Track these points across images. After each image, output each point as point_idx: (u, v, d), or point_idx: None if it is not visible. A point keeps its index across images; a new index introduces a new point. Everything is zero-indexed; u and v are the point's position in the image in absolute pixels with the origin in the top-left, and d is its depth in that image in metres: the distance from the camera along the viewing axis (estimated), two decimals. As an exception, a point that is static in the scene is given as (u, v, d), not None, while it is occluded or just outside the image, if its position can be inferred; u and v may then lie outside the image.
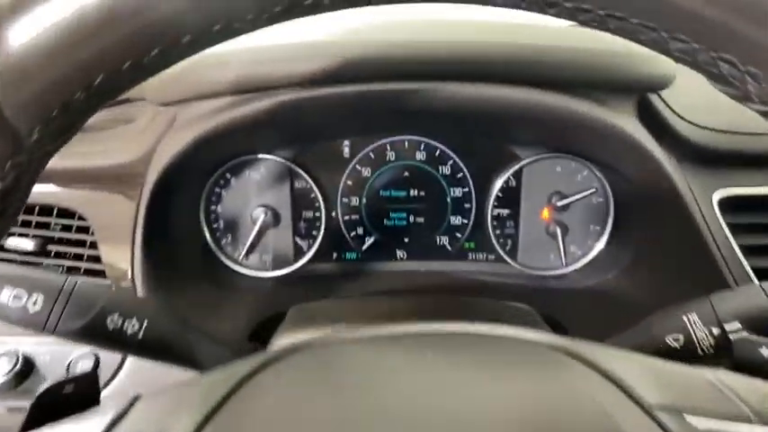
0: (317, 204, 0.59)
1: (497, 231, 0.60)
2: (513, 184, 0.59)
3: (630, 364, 0.24)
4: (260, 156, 0.57)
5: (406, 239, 0.61)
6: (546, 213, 0.59)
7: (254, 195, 0.58)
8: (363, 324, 0.31)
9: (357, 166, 0.59)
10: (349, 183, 0.59)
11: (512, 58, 0.44)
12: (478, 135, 0.57)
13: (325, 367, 0.25)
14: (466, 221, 0.60)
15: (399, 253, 0.61)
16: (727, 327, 0.34)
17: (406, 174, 0.59)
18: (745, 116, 0.32)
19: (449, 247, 0.61)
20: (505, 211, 0.60)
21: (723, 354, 0.34)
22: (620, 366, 0.24)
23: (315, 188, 0.58)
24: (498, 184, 0.58)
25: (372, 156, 0.59)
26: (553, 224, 0.59)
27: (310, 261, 0.60)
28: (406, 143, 0.58)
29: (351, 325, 0.33)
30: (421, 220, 0.60)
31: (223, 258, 0.59)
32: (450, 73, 0.44)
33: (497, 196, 0.59)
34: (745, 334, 0.33)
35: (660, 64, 0.46)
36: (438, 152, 0.58)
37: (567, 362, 0.24)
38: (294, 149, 0.57)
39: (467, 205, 0.60)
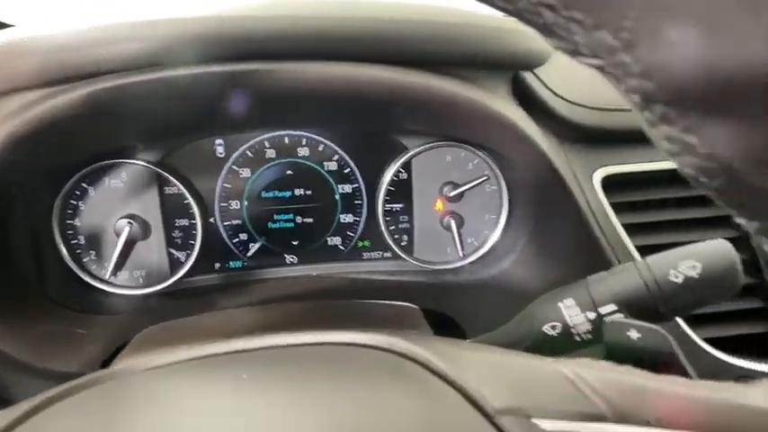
0: (191, 211, 0.53)
1: (391, 227, 0.57)
2: (404, 176, 0.56)
3: (479, 364, 0.22)
4: (120, 160, 0.51)
5: (295, 242, 0.57)
6: (439, 205, 0.57)
7: (118, 205, 0.52)
8: (212, 341, 0.27)
9: (234, 167, 0.54)
10: (227, 185, 0.54)
11: (374, 35, 0.41)
12: (360, 126, 0.53)
13: (119, 400, 0.20)
14: (358, 219, 0.57)
15: (288, 257, 0.57)
16: (602, 310, 0.32)
17: (289, 172, 0.55)
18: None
19: (341, 248, 0.58)
20: (398, 206, 0.57)
21: (599, 338, 0.32)
22: (466, 369, 0.21)
23: (187, 193, 0.52)
24: (388, 177, 0.55)
25: (250, 155, 0.54)
26: (447, 216, 0.56)
27: (189, 273, 0.54)
28: (286, 139, 0.54)
29: (196, 344, 0.29)
30: (309, 220, 0.56)
31: (87, 278, 0.53)
32: (305, 51, 0.40)
33: (388, 190, 0.56)
34: (619, 316, 0.32)
35: (534, 40, 0.45)
36: (322, 147, 0.55)
37: (409, 368, 0.21)
38: (159, 151, 0.52)
39: (357, 202, 0.56)
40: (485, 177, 0.55)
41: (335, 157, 0.55)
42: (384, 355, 0.21)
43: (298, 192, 0.56)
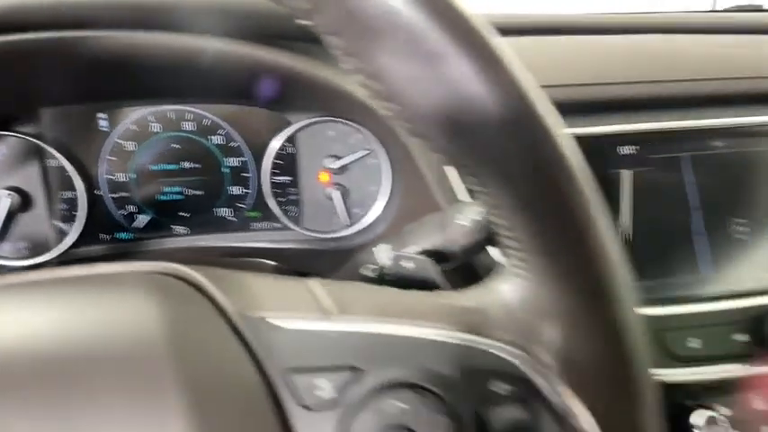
0: (74, 183, 0.54)
1: (280, 199, 0.60)
2: (291, 150, 0.59)
3: (240, 282, 0.25)
4: (-3, 133, 0.51)
5: (184, 214, 0.59)
6: (324, 177, 0.60)
7: (-2, 177, 0.52)
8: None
9: (118, 140, 0.55)
10: (112, 158, 0.56)
11: (211, 6, 0.43)
12: (242, 101, 0.56)
13: None
14: (246, 191, 0.59)
15: (178, 228, 0.59)
16: (405, 251, 0.36)
17: (176, 146, 0.57)
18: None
19: (231, 219, 0.60)
20: (286, 178, 0.60)
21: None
22: (226, 285, 0.24)
23: (69, 166, 0.53)
24: (273, 151, 0.58)
25: (135, 128, 0.55)
26: (331, 187, 0.60)
27: (76, 244, 0.56)
28: (170, 113, 0.56)
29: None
30: (198, 192, 0.58)
31: (-33, 250, 0.53)
32: (141, 21, 0.42)
33: (275, 163, 0.59)
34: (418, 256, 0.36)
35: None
36: (207, 121, 0.57)
37: (172, 284, 0.24)
38: (38, 123, 0.52)
39: (245, 174, 0.59)
40: (366, 151, 0.59)
41: (221, 132, 0.57)
42: (152, 276, 0.24)
43: (185, 165, 0.57)
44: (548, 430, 0.22)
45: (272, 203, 0.59)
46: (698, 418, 0.46)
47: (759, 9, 0.92)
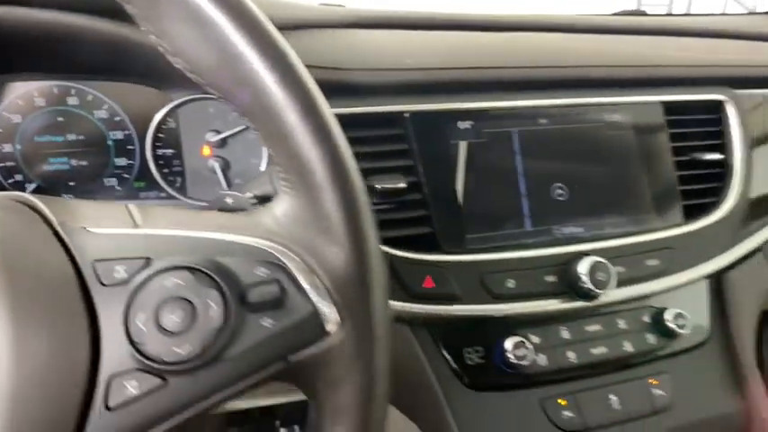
0: (-42, 152, 0.58)
1: (164, 170, 0.65)
2: (172, 125, 0.64)
3: (77, 207, 0.31)
4: None
5: (72, 183, 0.63)
6: (206, 150, 0.66)
7: None
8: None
9: (4, 113, 0.59)
10: (-2, 130, 0.60)
11: None
12: (121, 77, 0.61)
13: None
14: (132, 162, 0.65)
15: (66, 197, 0.63)
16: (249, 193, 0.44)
17: (60, 119, 0.61)
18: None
19: (118, 188, 0.65)
20: (169, 151, 0.65)
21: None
22: (48, 203, 0.30)
23: (-48, 136, 0.57)
24: (154, 125, 0.63)
25: (20, 102, 0.60)
26: (213, 159, 0.66)
27: (-39, 211, 0.59)
28: (54, 89, 0.60)
29: None
30: (84, 163, 0.63)
31: None
32: None
33: (158, 137, 0.64)
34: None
35: None
36: (90, 97, 0.61)
37: (4, 203, 0.30)
38: None
39: (130, 147, 0.64)
40: (244, 126, 0.66)
41: (105, 107, 0.62)
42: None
43: (70, 137, 0.62)
44: (296, 307, 0.29)
45: (156, 174, 0.64)
46: (509, 343, 0.55)
47: (643, 14, 1.05)
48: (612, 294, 0.59)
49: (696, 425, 0.58)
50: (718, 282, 0.68)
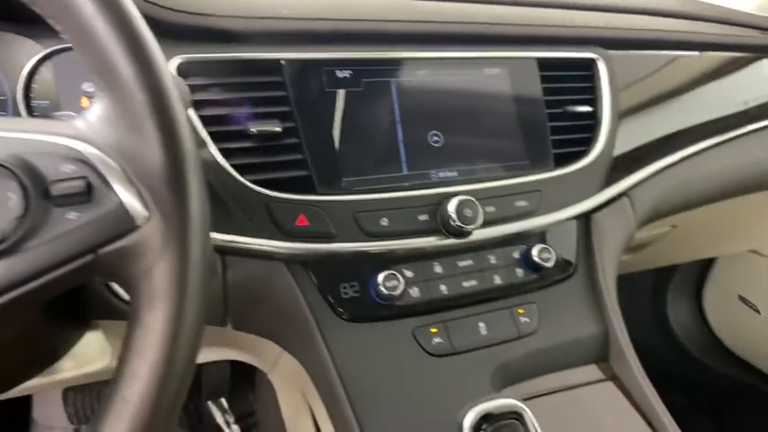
0: None
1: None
2: (47, 75, 0.63)
3: None
4: None
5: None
6: (85, 102, 0.65)
7: None
8: None
9: None
10: None
11: None
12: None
13: None
14: (3, 113, 0.63)
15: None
16: None
17: None
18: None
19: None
20: (45, 102, 0.64)
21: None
22: None
23: None
24: (26, 74, 0.62)
25: None
26: (91, 110, 0.65)
27: None
28: None
29: None
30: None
31: None
32: None
33: (30, 87, 0.63)
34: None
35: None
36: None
37: None
38: None
39: (2, 97, 0.62)
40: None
41: (-29, 55, 0.60)
42: None
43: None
44: (103, 201, 0.30)
45: (31, 125, 0.63)
46: (381, 276, 0.58)
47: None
48: (483, 232, 0.63)
49: (559, 346, 0.64)
50: (585, 223, 0.73)
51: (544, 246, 0.66)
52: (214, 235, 0.54)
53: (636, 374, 0.63)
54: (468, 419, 0.39)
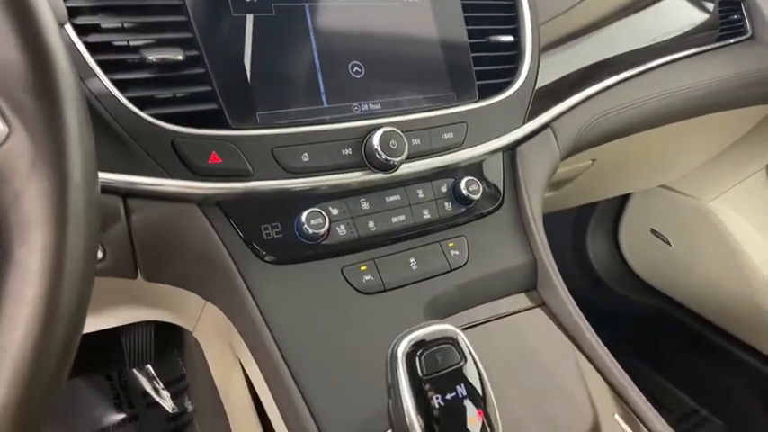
0: None
1: None
2: None
3: None
4: None
5: None
6: None
7: None
8: None
9: None
10: None
11: None
12: None
13: None
14: None
15: None
16: None
17: None
18: None
19: None
20: None
21: None
22: None
23: None
24: None
25: None
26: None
27: None
28: None
29: None
30: None
31: None
32: None
33: None
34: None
35: None
36: None
37: None
38: None
39: None
40: None
41: None
42: None
43: None
44: None
45: None
46: (304, 215, 0.55)
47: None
48: (410, 166, 0.61)
49: (489, 277, 0.64)
50: (511, 155, 0.73)
51: (472, 178, 0.65)
52: (114, 176, 0.48)
53: (563, 299, 0.64)
54: (402, 347, 0.37)
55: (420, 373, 0.36)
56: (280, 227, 0.55)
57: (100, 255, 0.50)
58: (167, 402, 1.32)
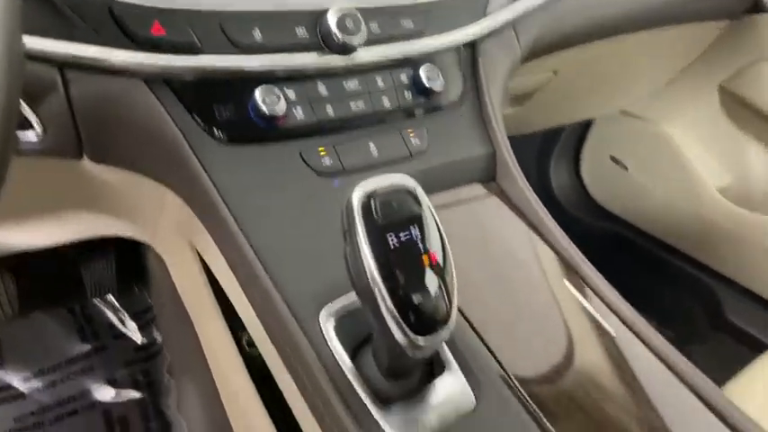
0: None
1: None
2: None
3: None
4: None
5: None
6: None
7: None
8: None
9: None
10: None
11: None
12: None
13: None
14: None
15: None
16: None
17: None
18: None
19: None
20: None
21: None
22: None
23: None
24: None
25: None
26: None
27: None
28: None
29: None
30: None
31: None
32: None
33: None
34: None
35: None
36: None
37: None
38: None
39: None
40: None
41: None
42: None
43: None
44: None
45: None
46: (259, 94, 0.53)
47: None
48: (369, 53, 0.60)
49: (450, 165, 0.64)
50: (472, 51, 0.72)
51: (432, 69, 0.64)
52: (46, 42, 0.45)
53: (521, 187, 0.65)
54: (358, 193, 0.36)
55: (375, 217, 0.36)
56: (234, 107, 0.53)
57: (39, 131, 0.48)
58: (135, 334, 1.31)
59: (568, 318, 0.55)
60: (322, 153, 0.57)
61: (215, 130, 0.52)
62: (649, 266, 1.61)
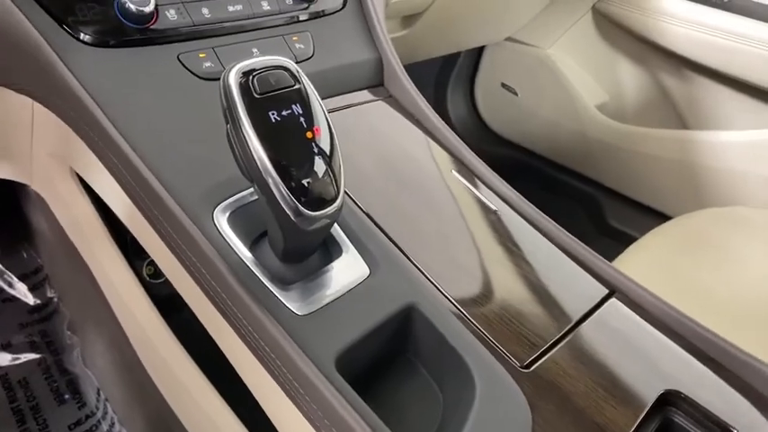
0: None
1: None
2: None
3: None
4: None
5: None
6: None
7: None
8: None
9: None
10: None
11: None
12: None
13: None
14: None
15: None
16: None
17: None
18: None
19: None
20: None
21: None
22: None
23: None
24: None
25: None
26: None
27: None
28: None
29: None
30: None
31: None
32: None
33: None
34: None
35: None
36: None
37: None
38: None
39: None
40: None
41: None
42: None
43: None
44: None
45: None
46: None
47: None
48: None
49: (337, 69, 0.64)
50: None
51: (310, -27, 0.64)
52: None
53: (409, 90, 0.67)
54: (234, 71, 0.36)
55: (254, 93, 0.36)
56: (97, 6, 0.50)
57: None
58: (26, 296, 1.22)
59: (456, 198, 0.58)
60: (201, 56, 0.55)
61: (81, 32, 0.49)
62: (542, 185, 1.73)
